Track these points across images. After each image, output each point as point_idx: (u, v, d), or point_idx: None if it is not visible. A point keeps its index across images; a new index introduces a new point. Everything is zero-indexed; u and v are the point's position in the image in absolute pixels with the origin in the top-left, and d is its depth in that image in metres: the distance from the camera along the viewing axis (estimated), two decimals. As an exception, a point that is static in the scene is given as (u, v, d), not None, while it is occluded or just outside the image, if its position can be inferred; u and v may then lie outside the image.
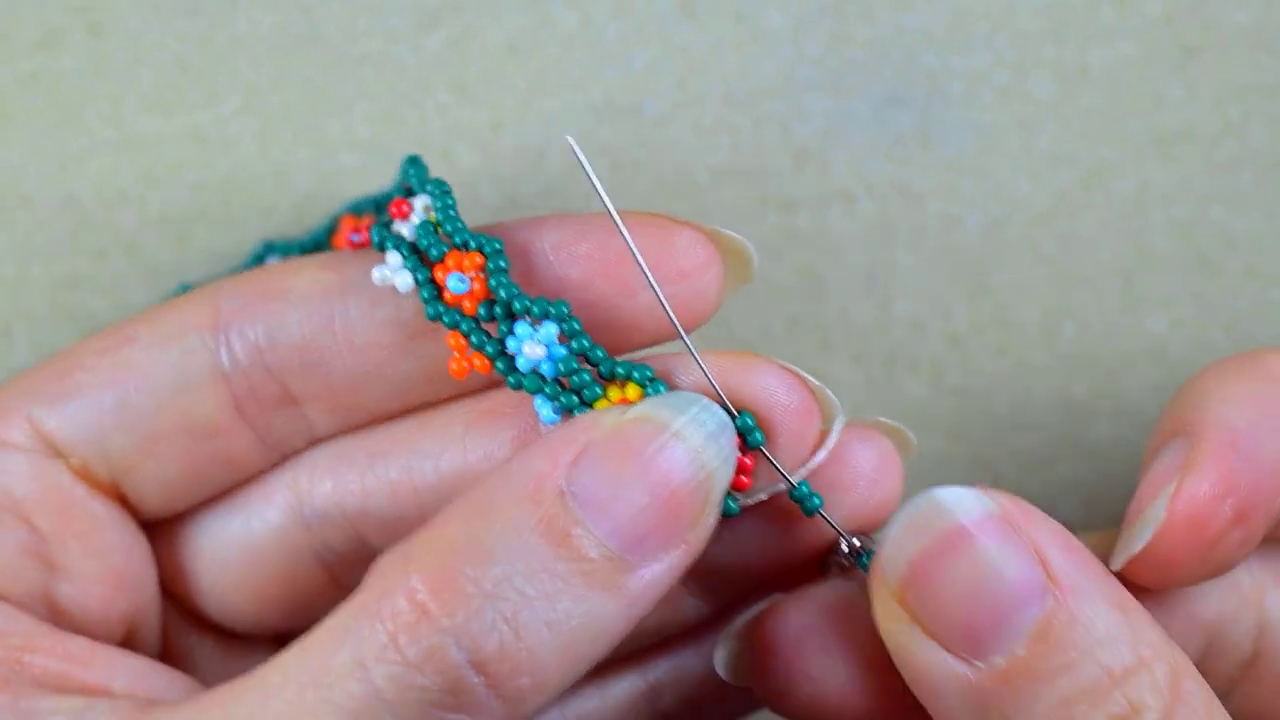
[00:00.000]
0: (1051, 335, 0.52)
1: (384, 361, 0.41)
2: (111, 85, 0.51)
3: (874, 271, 0.52)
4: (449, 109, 0.51)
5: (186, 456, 0.41)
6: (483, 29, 0.51)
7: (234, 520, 0.43)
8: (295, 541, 0.42)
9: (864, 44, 0.51)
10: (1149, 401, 0.52)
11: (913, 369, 0.52)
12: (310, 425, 0.42)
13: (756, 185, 0.52)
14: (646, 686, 0.43)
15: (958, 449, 0.52)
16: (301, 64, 0.51)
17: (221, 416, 0.41)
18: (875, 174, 0.52)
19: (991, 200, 0.52)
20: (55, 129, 0.51)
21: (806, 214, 0.52)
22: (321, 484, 0.42)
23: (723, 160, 0.52)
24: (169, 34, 0.51)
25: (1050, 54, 0.52)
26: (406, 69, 0.51)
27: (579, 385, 0.38)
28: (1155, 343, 0.52)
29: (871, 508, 0.40)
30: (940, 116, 0.52)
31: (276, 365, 0.41)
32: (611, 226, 0.39)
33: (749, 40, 0.51)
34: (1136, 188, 0.52)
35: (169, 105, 0.51)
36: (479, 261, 0.39)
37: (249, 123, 0.52)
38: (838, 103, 0.51)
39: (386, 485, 0.41)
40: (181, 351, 0.41)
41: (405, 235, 0.40)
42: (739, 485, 0.38)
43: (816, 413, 0.39)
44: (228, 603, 0.43)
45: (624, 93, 0.51)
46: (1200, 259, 0.52)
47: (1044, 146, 0.52)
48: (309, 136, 0.51)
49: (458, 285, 0.39)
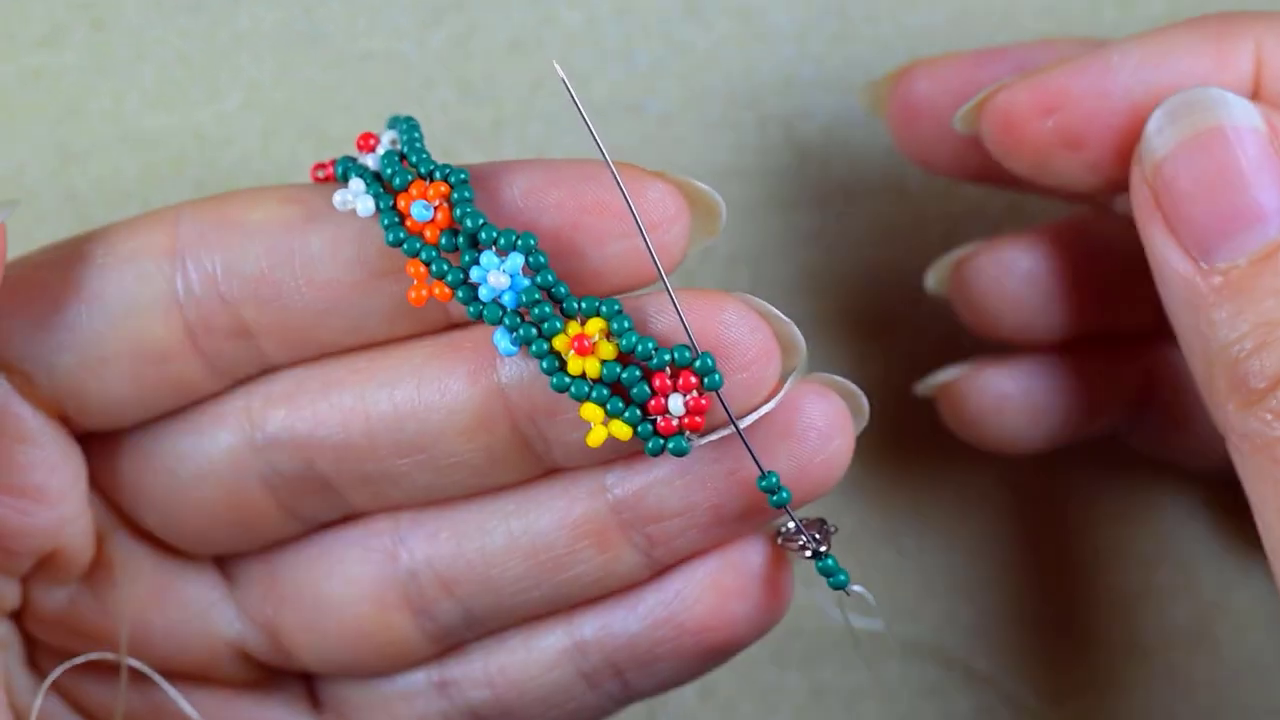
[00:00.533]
0: (1054, 334, 0.52)
1: (344, 298, 0.40)
2: (114, 81, 0.51)
3: (876, 272, 0.52)
4: (451, 106, 0.52)
5: (134, 379, 0.41)
6: (486, 26, 0.52)
7: (184, 439, 0.42)
8: (244, 464, 0.42)
9: (867, 43, 0.52)
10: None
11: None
12: (263, 356, 0.41)
13: (759, 184, 0.52)
14: (572, 644, 0.42)
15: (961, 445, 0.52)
16: (304, 61, 0.51)
17: (172, 342, 0.41)
18: (877, 173, 0.52)
19: (992, 200, 0.52)
20: (57, 125, 0.51)
21: (809, 213, 0.52)
22: (275, 409, 0.41)
23: (725, 159, 0.52)
24: (171, 30, 0.51)
25: (1052, 53, 0.52)
26: (409, 66, 0.51)
27: (539, 318, 0.38)
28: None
29: (820, 462, 0.39)
30: (943, 115, 0.52)
31: (232, 296, 0.40)
32: (583, 174, 0.39)
33: (752, 39, 0.52)
34: (1138, 186, 0.52)
35: (171, 102, 0.51)
36: (444, 190, 0.38)
37: (251, 119, 0.52)
38: (841, 101, 0.52)
39: (339, 413, 0.41)
40: (136, 276, 0.40)
41: (370, 166, 0.40)
42: (692, 426, 0.38)
43: (777, 356, 0.39)
44: (171, 519, 0.43)
45: (627, 91, 0.52)
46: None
47: (1046, 145, 0.52)
48: (312, 133, 0.51)
49: (421, 213, 0.38)
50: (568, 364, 0.38)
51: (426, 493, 0.42)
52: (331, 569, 0.43)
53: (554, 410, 0.39)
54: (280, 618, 0.43)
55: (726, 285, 0.51)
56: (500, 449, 0.40)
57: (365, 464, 0.41)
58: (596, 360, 0.38)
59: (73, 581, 0.43)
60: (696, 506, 0.40)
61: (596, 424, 0.38)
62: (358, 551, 0.43)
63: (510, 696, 0.43)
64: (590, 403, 0.38)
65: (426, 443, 0.40)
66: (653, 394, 0.38)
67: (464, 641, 0.43)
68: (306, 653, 0.44)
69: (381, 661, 0.43)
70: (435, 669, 0.43)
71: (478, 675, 0.43)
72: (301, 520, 0.43)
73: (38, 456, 0.41)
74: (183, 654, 0.44)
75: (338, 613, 0.43)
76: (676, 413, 0.38)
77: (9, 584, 0.42)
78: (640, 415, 0.38)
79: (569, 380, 0.38)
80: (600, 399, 0.38)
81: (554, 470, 0.41)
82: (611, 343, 0.38)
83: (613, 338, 0.38)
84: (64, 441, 0.42)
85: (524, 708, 0.43)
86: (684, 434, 0.38)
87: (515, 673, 0.43)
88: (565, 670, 0.42)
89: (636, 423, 0.38)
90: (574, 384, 0.38)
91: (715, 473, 0.40)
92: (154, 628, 0.43)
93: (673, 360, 0.38)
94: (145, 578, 0.43)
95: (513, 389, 0.39)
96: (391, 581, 0.42)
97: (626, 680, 0.42)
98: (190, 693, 0.44)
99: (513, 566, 0.41)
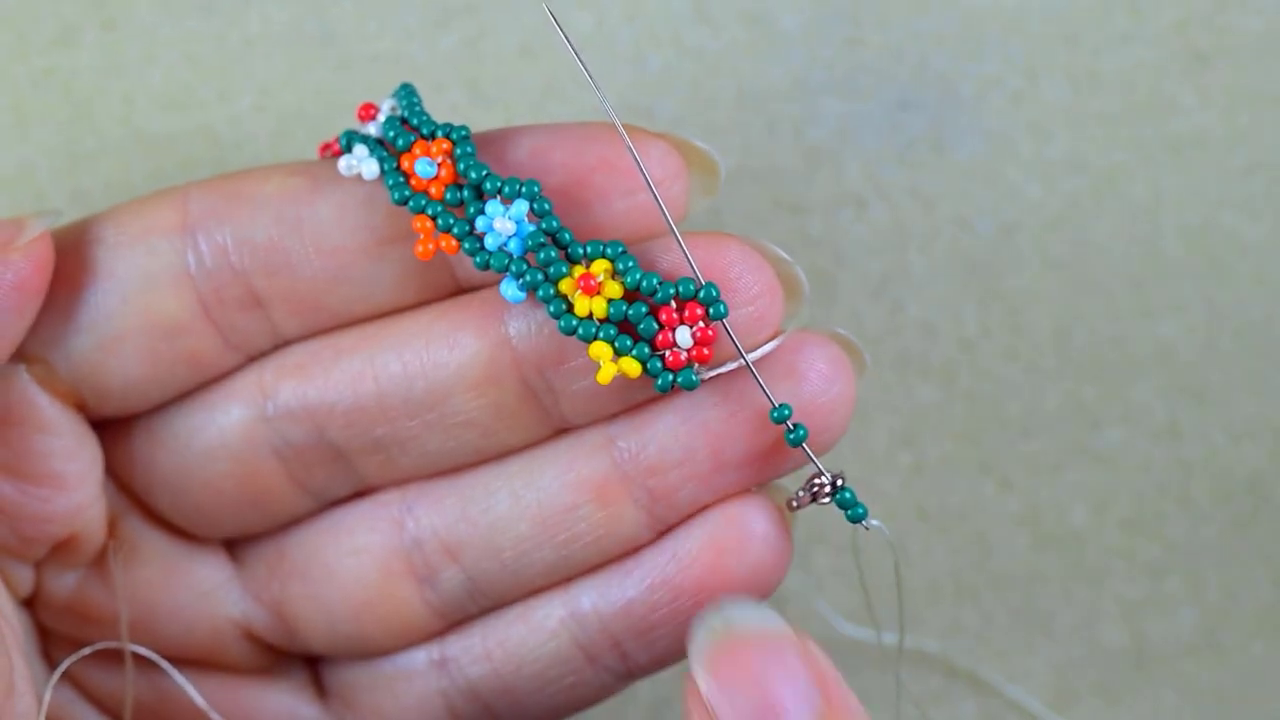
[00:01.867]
0: (1062, 340, 0.52)
1: (352, 265, 0.41)
2: (124, 82, 0.51)
3: (885, 275, 0.52)
4: (462, 109, 0.52)
5: (149, 356, 0.41)
6: (496, 29, 0.52)
7: (195, 417, 0.43)
8: (256, 437, 0.42)
9: (877, 48, 0.52)
10: (1158, 407, 0.52)
11: (923, 373, 0.52)
12: (275, 328, 0.42)
13: (769, 188, 0.52)
14: (570, 614, 0.42)
15: (968, 453, 0.52)
16: (314, 63, 0.52)
17: (186, 317, 0.41)
18: (887, 178, 0.52)
19: (1003, 205, 0.52)
20: (67, 125, 0.51)
21: (818, 217, 0.52)
22: (286, 380, 0.42)
23: (735, 163, 0.52)
24: (182, 32, 0.51)
25: (1063, 59, 0.52)
26: (420, 69, 0.52)
27: (545, 262, 0.38)
28: (1165, 348, 0.52)
29: (823, 404, 0.39)
30: (952, 120, 0.52)
31: (243, 267, 0.41)
32: (587, 135, 0.39)
33: (762, 43, 0.52)
34: (1148, 193, 0.52)
35: (182, 103, 0.51)
36: (446, 147, 0.39)
37: (262, 121, 0.52)
38: (850, 106, 0.52)
39: (349, 377, 0.41)
40: (148, 252, 0.41)
41: (373, 134, 0.41)
42: (700, 358, 0.38)
43: (780, 293, 0.39)
44: (183, 501, 0.43)
45: (637, 94, 0.52)
46: (1211, 263, 0.52)
47: (1056, 151, 0.52)
48: (322, 135, 0.51)
49: (425, 169, 0.39)
50: (575, 306, 0.38)
51: (435, 458, 0.42)
52: (339, 540, 0.43)
53: (561, 358, 0.40)
54: (286, 592, 0.44)
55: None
56: (509, 404, 0.41)
57: (376, 428, 0.41)
58: (604, 300, 0.38)
59: (83, 566, 0.43)
60: (697, 454, 0.40)
61: (606, 361, 0.38)
62: (366, 522, 0.43)
63: (508, 670, 0.43)
64: (599, 341, 0.38)
65: (435, 400, 0.41)
66: (660, 328, 0.38)
67: (467, 616, 0.43)
68: (311, 629, 0.44)
69: (386, 636, 0.44)
70: (436, 646, 0.44)
71: (476, 650, 0.43)
72: (313, 495, 0.43)
73: (56, 445, 0.41)
74: (189, 637, 0.44)
75: (343, 584, 0.43)
76: (684, 345, 0.38)
77: (24, 569, 0.43)
78: (649, 351, 0.38)
79: (577, 322, 0.38)
80: (608, 337, 0.38)
81: (561, 431, 0.41)
82: (617, 281, 0.38)
83: (618, 276, 0.38)
84: (81, 429, 0.42)
85: (523, 683, 0.43)
86: (692, 366, 0.38)
87: (514, 645, 0.43)
88: (563, 642, 0.43)
89: (645, 359, 0.38)
90: (581, 325, 0.38)
91: (716, 416, 0.40)
92: (160, 610, 0.44)
93: (677, 293, 0.38)
94: (156, 561, 0.44)
95: (520, 341, 0.40)
96: (397, 550, 0.43)
97: (625, 652, 0.42)
98: (197, 678, 0.44)
99: (517, 528, 0.42)
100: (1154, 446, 0.52)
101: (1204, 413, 0.52)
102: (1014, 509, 0.52)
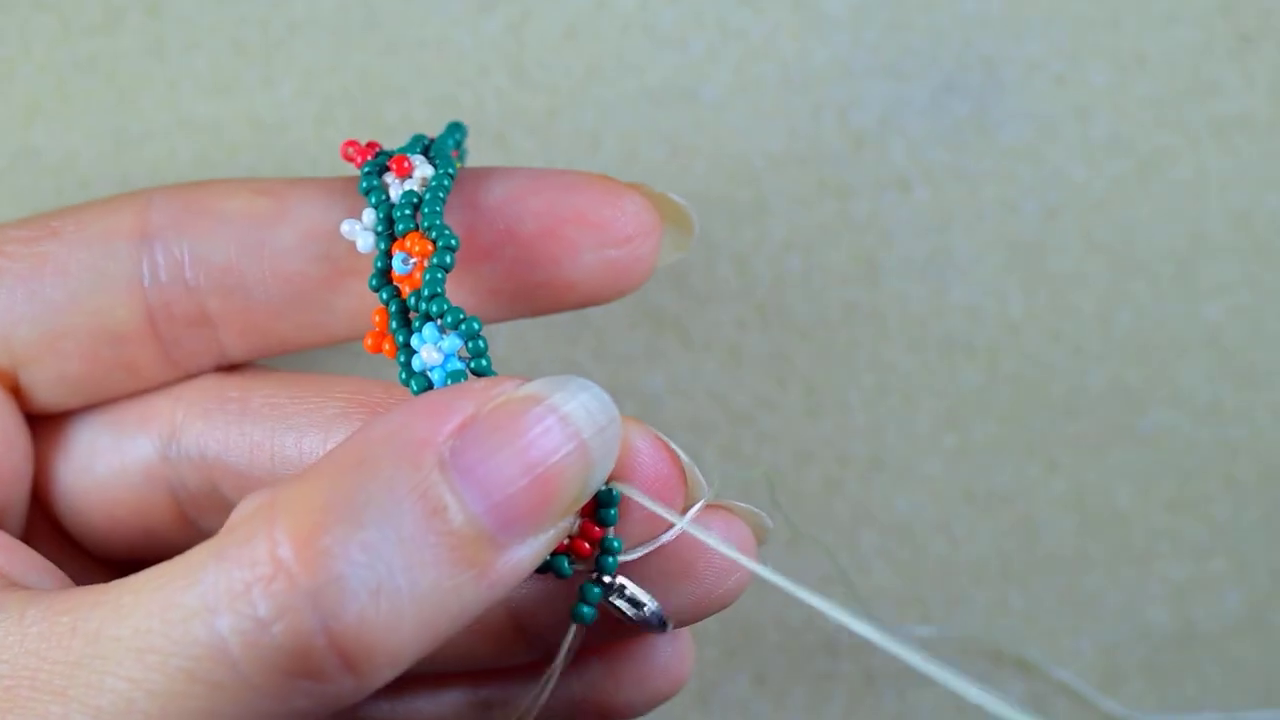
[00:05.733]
0: (1107, 321, 0.52)
1: (309, 293, 0.40)
2: (168, 68, 0.51)
3: (930, 258, 0.52)
4: (506, 93, 0.52)
5: (89, 358, 0.41)
6: (541, 13, 0.51)
7: (104, 435, 0.42)
8: (155, 471, 0.42)
9: (921, 31, 0.52)
10: (1203, 388, 0.52)
11: (969, 355, 0.52)
12: (221, 348, 0.41)
13: (813, 171, 0.52)
14: (478, 700, 0.42)
15: (1013, 435, 0.52)
16: (359, 48, 0.51)
17: (132, 326, 0.41)
18: (931, 160, 0.52)
19: (1048, 187, 0.52)
20: (112, 111, 0.51)
21: (863, 200, 0.52)
22: (193, 424, 0.41)
23: (779, 146, 0.52)
24: (227, 17, 0.51)
25: (1107, 41, 0.52)
26: (464, 53, 0.51)
27: None
28: (1211, 330, 0.52)
29: (714, 600, 0.39)
30: (997, 103, 0.52)
31: (197, 284, 0.41)
32: (563, 184, 0.39)
33: (806, 26, 0.52)
34: (1193, 175, 0.52)
35: (226, 88, 0.51)
36: (428, 250, 0.38)
37: (306, 106, 0.52)
38: (894, 89, 0.52)
39: (249, 444, 0.41)
40: (104, 254, 0.41)
41: (391, 193, 0.40)
42: (581, 551, 0.38)
43: (680, 489, 0.38)
44: (79, 513, 0.43)
45: (681, 78, 0.52)
46: (1256, 246, 0.52)
47: (1100, 133, 0.52)
48: (366, 120, 0.51)
49: (400, 266, 0.39)
50: None
51: None
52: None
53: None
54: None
55: (779, 273, 0.51)
56: None
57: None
58: None
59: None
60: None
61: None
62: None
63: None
64: None
65: None
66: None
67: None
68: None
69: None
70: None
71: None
72: (206, 534, 0.43)
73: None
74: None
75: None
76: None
77: None
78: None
79: None
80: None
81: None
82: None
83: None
84: (18, 417, 0.42)
85: None
86: (568, 557, 0.38)
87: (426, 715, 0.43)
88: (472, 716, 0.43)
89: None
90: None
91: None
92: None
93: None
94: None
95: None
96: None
97: None
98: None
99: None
100: (1199, 428, 0.52)
101: (1249, 394, 0.52)
102: (1059, 491, 0.52)
